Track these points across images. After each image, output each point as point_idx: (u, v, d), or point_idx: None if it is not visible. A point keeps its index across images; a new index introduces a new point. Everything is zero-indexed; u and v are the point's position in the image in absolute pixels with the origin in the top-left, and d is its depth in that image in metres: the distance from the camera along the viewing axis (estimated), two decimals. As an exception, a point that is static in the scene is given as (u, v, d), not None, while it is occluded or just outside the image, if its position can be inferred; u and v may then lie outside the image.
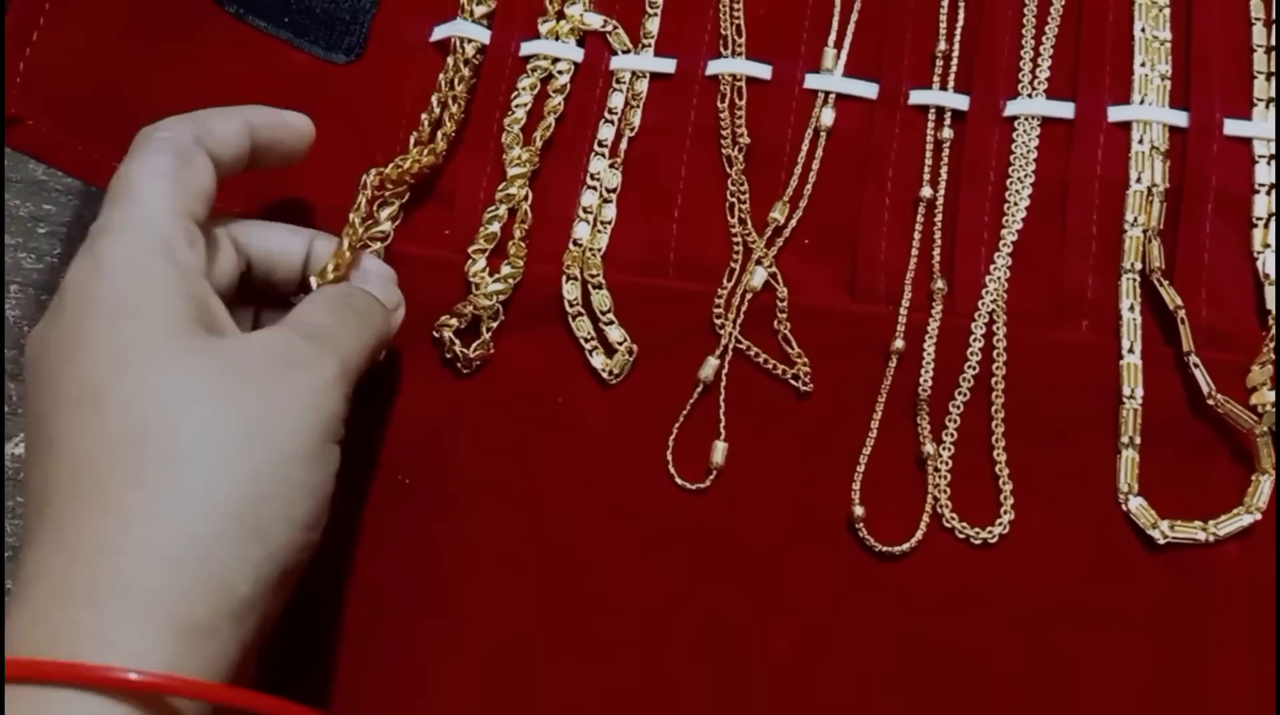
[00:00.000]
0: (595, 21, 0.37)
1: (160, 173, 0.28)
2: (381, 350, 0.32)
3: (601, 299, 0.34)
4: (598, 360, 0.34)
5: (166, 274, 0.27)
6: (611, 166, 0.36)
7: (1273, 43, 0.35)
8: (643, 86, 0.37)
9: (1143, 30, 0.36)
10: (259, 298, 0.33)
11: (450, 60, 0.37)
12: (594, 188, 0.36)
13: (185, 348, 0.27)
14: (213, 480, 0.25)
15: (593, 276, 0.35)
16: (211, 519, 0.25)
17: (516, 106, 0.36)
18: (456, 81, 0.36)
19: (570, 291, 0.34)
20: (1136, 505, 0.32)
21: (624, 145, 0.36)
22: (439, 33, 0.37)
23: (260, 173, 0.34)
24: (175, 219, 0.28)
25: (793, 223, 0.35)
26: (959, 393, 0.33)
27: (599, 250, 0.35)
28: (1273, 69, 0.35)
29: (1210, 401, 0.32)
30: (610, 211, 0.36)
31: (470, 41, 0.37)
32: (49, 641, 0.24)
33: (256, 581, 0.25)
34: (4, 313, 0.36)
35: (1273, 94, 0.35)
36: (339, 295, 0.31)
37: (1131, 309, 0.33)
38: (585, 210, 0.36)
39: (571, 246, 0.35)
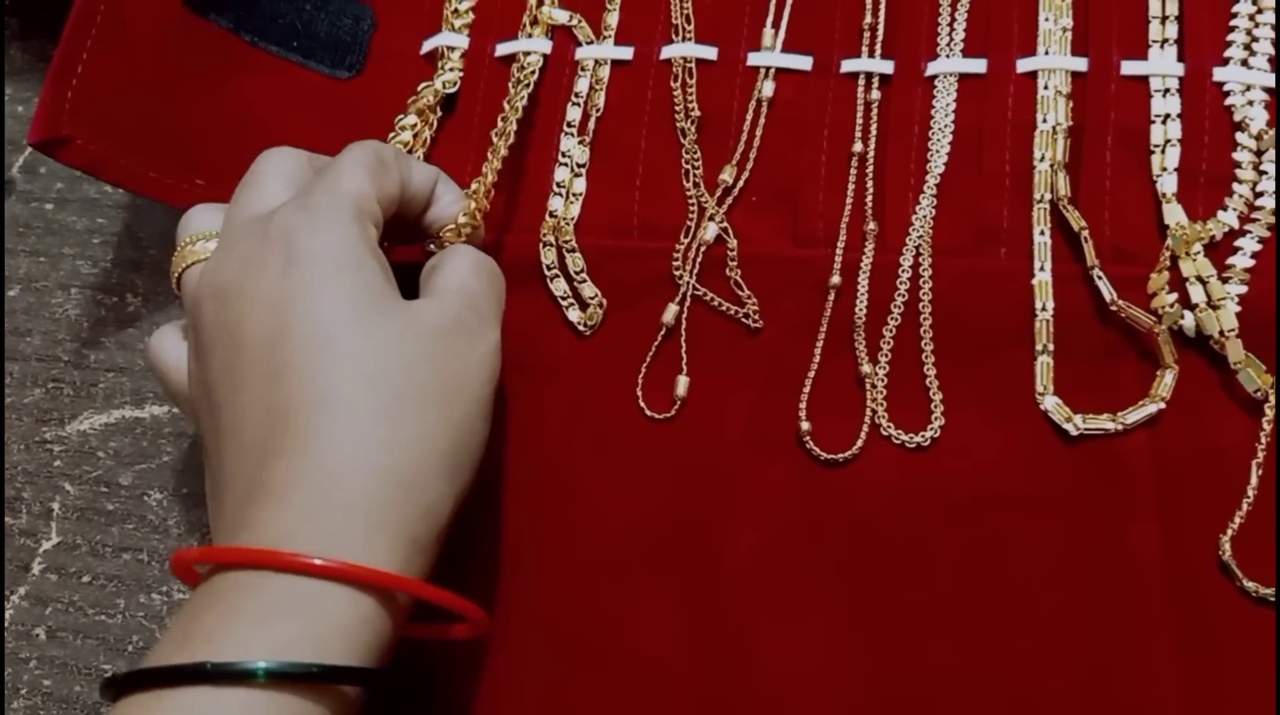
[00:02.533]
0: (562, 17, 0.42)
1: (362, 164, 0.33)
2: None
3: (575, 260, 0.39)
4: (574, 314, 0.39)
5: (370, 239, 0.32)
6: (580, 144, 0.41)
7: (1167, -10, 0.39)
8: (605, 72, 0.42)
9: (1046, -11, 0.40)
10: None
11: (441, 65, 0.42)
12: (565, 164, 0.41)
13: (396, 307, 0.31)
14: (431, 424, 0.30)
15: (566, 242, 0.39)
16: (431, 455, 0.30)
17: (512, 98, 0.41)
18: (445, 85, 0.42)
19: (547, 256, 0.39)
20: (1052, 403, 0.35)
21: (591, 125, 0.41)
22: (427, 45, 0.43)
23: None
24: (368, 200, 0.33)
25: (741, 183, 0.40)
26: (891, 319, 0.37)
27: (572, 218, 0.40)
28: (1167, 13, 0.39)
29: (1113, 307, 0.35)
30: (581, 184, 0.40)
31: (455, 49, 0.42)
32: (312, 543, 0.27)
33: (453, 512, 0.31)
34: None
35: (1168, 35, 0.39)
36: (482, 262, 0.35)
37: (1042, 234, 0.37)
38: (559, 185, 0.41)
39: (547, 217, 0.40)
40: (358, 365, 0.30)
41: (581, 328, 0.38)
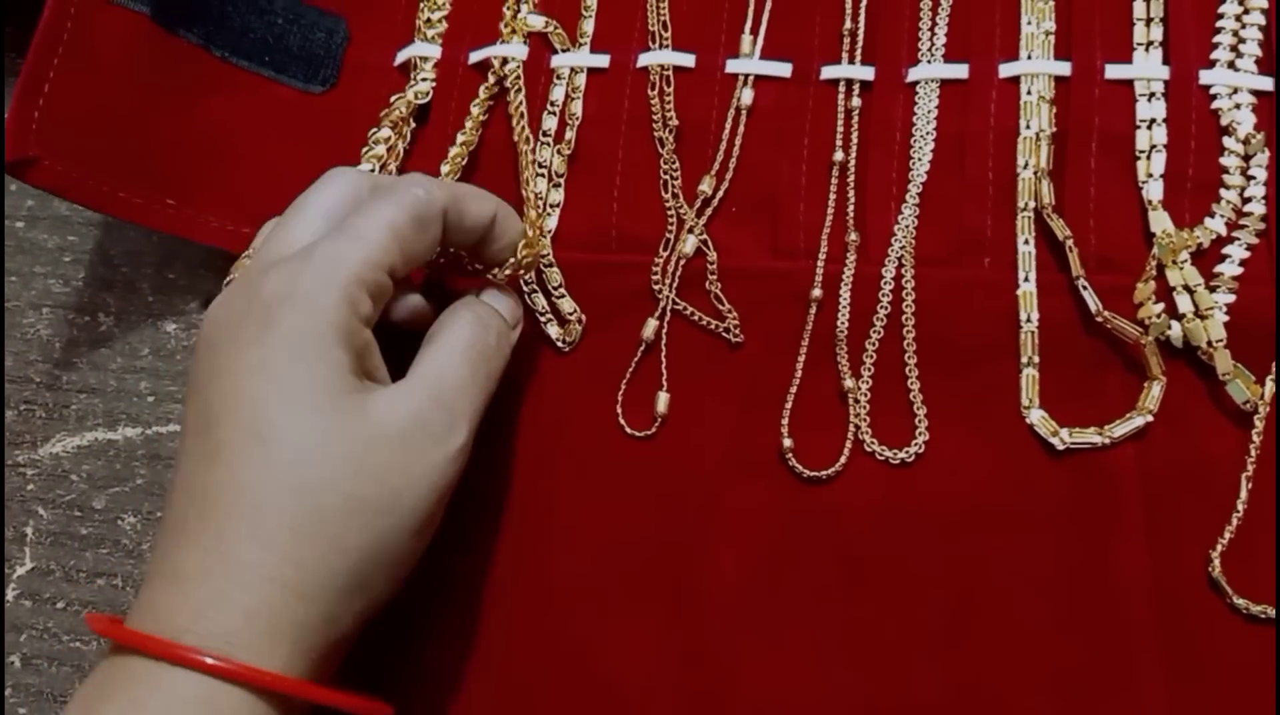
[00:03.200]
0: (537, 23, 0.42)
1: (390, 225, 0.31)
2: None
3: (552, 275, 0.38)
4: (553, 331, 0.38)
5: (351, 320, 0.30)
6: (557, 154, 0.40)
7: (1152, -8, 0.38)
8: (581, 80, 0.41)
9: (1028, -8, 0.39)
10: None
11: (415, 76, 0.41)
12: (542, 175, 0.40)
13: (348, 406, 0.29)
14: (346, 542, 0.29)
15: (543, 256, 0.39)
16: (337, 574, 0.29)
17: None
18: (418, 95, 0.41)
19: (522, 270, 0.39)
20: (1038, 417, 0.35)
21: (569, 134, 0.40)
22: (401, 56, 0.42)
23: (248, 189, 0.39)
24: (374, 270, 0.30)
25: (720, 193, 0.39)
26: (874, 332, 0.36)
27: (549, 231, 0.39)
28: (1151, 15, 0.38)
29: (1099, 319, 0.35)
30: (558, 195, 0.40)
31: (428, 59, 0.42)
32: (210, 640, 0.27)
33: (353, 625, 0.30)
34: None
35: (1153, 38, 0.38)
36: (472, 333, 0.33)
37: (1026, 243, 0.36)
38: (536, 196, 0.40)
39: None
40: (285, 469, 0.28)
41: (560, 344, 0.38)
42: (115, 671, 0.28)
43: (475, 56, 0.42)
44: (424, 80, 0.41)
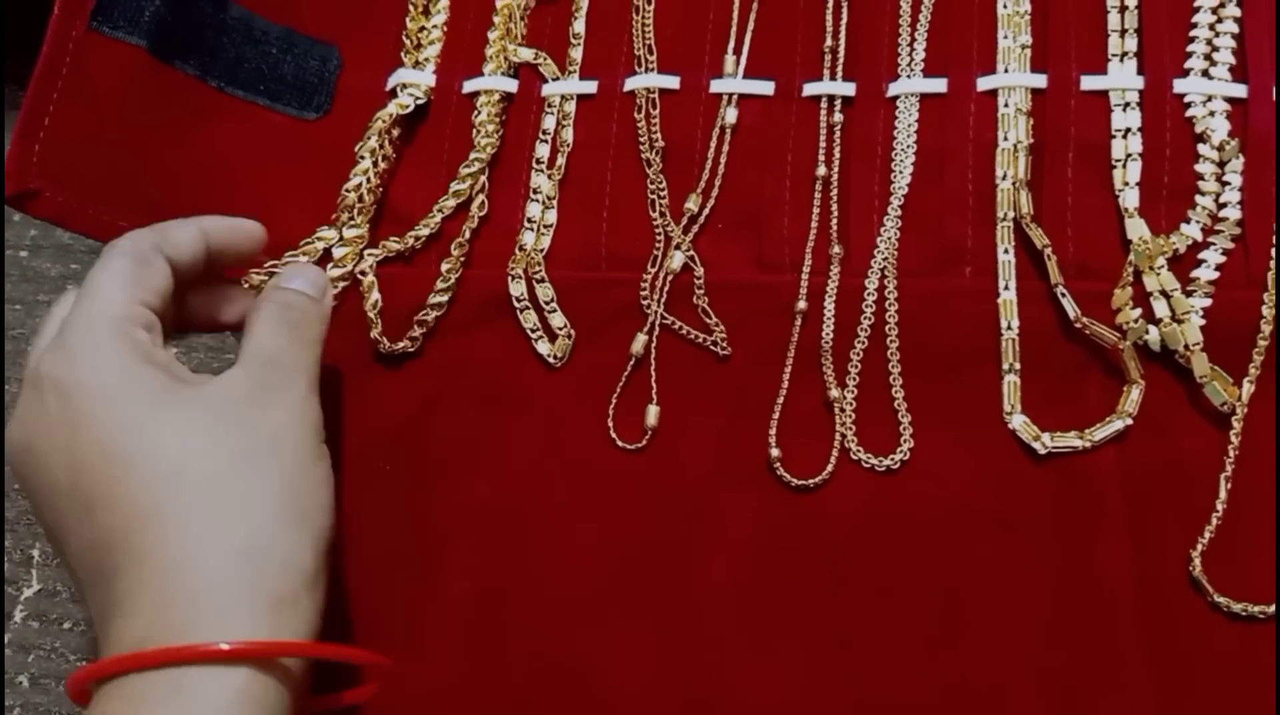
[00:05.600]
0: (527, 55, 0.43)
1: (118, 273, 0.33)
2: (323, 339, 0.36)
3: (545, 291, 0.39)
4: (543, 347, 0.39)
5: (128, 351, 0.32)
6: (549, 179, 0.41)
7: (1125, 3, 0.39)
8: (570, 107, 0.42)
9: (1004, 7, 0.40)
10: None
11: (395, 103, 0.42)
12: (536, 199, 0.41)
13: (179, 400, 0.31)
14: (253, 488, 0.30)
15: (536, 273, 0.40)
16: (263, 515, 0.30)
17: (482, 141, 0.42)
18: (399, 109, 0.42)
19: (516, 288, 0.39)
20: (1020, 422, 0.35)
21: (560, 160, 0.41)
22: (392, 82, 0.43)
23: (244, 214, 0.40)
24: (129, 307, 0.33)
25: (706, 211, 0.40)
26: (858, 342, 0.37)
27: (542, 251, 0.40)
28: (1126, 26, 0.39)
29: (1078, 325, 0.35)
30: (552, 216, 0.41)
31: (415, 85, 0.43)
32: (165, 636, 0.28)
33: (315, 555, 0.31)
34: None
35: (1127, 49, 0.39)
36: (279, 311, 0.35)
37: (1006, 252, 0.37)
38: (529, 220, 0.41)
39: (517, 251, 0.40)
40: (156, 468, 0.30)
41: (551, 360, 0.39)
42: (148, 686, 0.28)
43: (469, 87, 0.43)
44: (408, 95, 0.42)
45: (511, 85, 0.42)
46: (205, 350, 0.42)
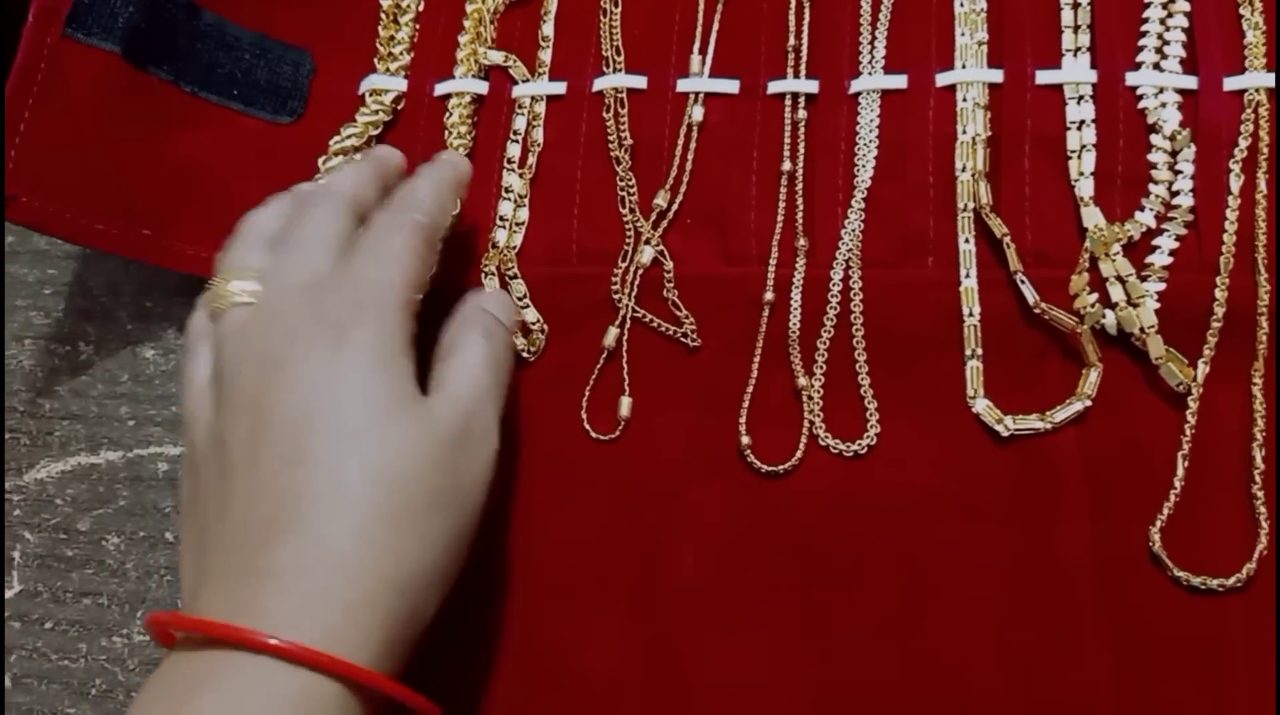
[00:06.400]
0: (497, 58, 0.43)
1: (413, 250, 0.34)
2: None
3: (517, 287, 0.40)
4: (518, 341, 0.39)
5: (409, 333, 0.33)
6: (520, 178, 0.42)
7: None
8: (540, 108, 0.43)
9: (961, 5, 0.41)
10: None
11: (368, 107, 0.43)
12: (508, 198, 0.42)
13: (417, 410, 0.32)
14: (435, 534, 0.31)
15: (509, 269, 0.40)
16: (428, 565, 0.31)
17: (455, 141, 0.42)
18: (371, 127, 0.43)
19: (489, 285, 0.40)
20: (983, 406, 0.36)
21: (531, 160, 0.42)
22: (364, 86, 0.44)
23: (220, 217, 0.41)
24: (414, 291, 0.34)
25: (675, 206, 0.40)
26: (824, 331, 0.38)
27: (514, 248, 0.41)
28: (1079, 22, 0.40)
29: (1037, 310, 0.36)
30: (523, 214, 0.41)
31: (386, 91, 0.43)
32: (309, 634, 0.28)
33: (428, 621, 0.31)
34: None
35: (1081, 44, 0.40)
36: (491, 353, 0.35)
37: (967, 242, 0.38)
38: (502, 218, 0.42)
39: (490, 248, 0.41)
40: (377, 465, 0.30)
41: (525, 354, 0.39)
42: (203, 664, 0.28)
43: (440, 89, 0.43)
44: (377, 112, 0.43)
45: (482, 87, 0.43)
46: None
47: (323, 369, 0.31)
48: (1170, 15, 0.40)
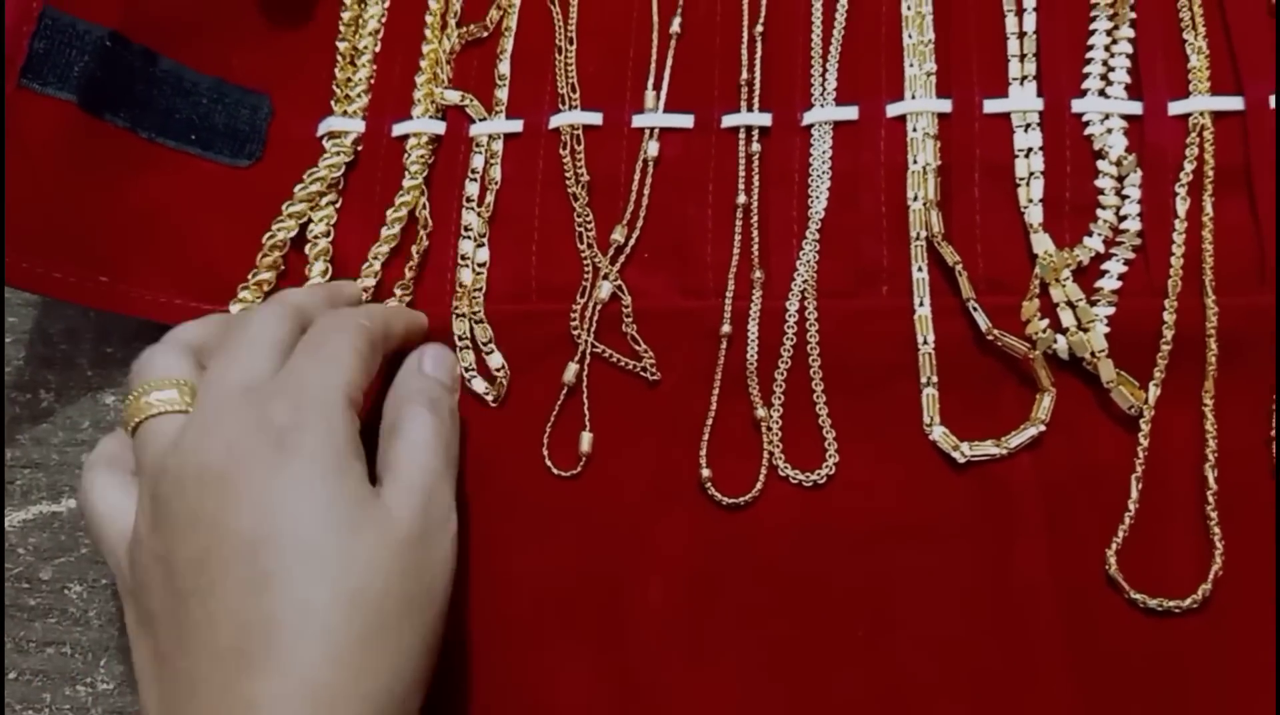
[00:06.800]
0: (454, 98, 0.44)
1: (357, 351, 0.34)
2: None
3: (483, 331, 0.40)
4: (479, 386, 0.40)
5: (356, 434, 0.32)
6: (479, 217, 0.42)
7: (1024, 29, 0.41)
8: (498, 146, 0.43)
9: (909, 37, 0.42)
10: None
11: (329, 150, 0.43)
12: (468, 237, 0.42)
13: (373, 515, 0.31)
14: (408, 642, 0.30)
15: (475, 313, 0.40)
16: (406, 673, 0.30)
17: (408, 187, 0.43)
18: (333, 168, 0.43)
19: (460, 327, 0.40)
20: (939, 433, 0.37)
21: (489, 198, 0.42)
22: (322, 128, 0.44)
23: (179, 262, 0.41)
24: (356, 391, 0.33)
25: (632, 241, 0.41)
26: (781, 362, 0.38)
27: (480, 290, 0.41)
28: (1025, 51, 0.41)
29: (990, 337, 0.37)
30: (483, 254, 0.42)
31: (345, 133, 0.44)
32: None
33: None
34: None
35: (1027, 72, 0.41)
36: (441, 437, 0.35)
37: (920, 270, 0.39)
38: (463, 257, 0.42)
39: (458, 288, 0.41)
40: (342, 582, 0.29)
41: (489, 399, 0.39)
42: None
43: (398, 129, 0.44)
44: (337, 154, 0.43)
45: (440, 127, 0.44)
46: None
47: (273, 482, 0.30)
48: (1115, 42, 0.40)
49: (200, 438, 0.31)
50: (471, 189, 0.43)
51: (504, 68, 0.44)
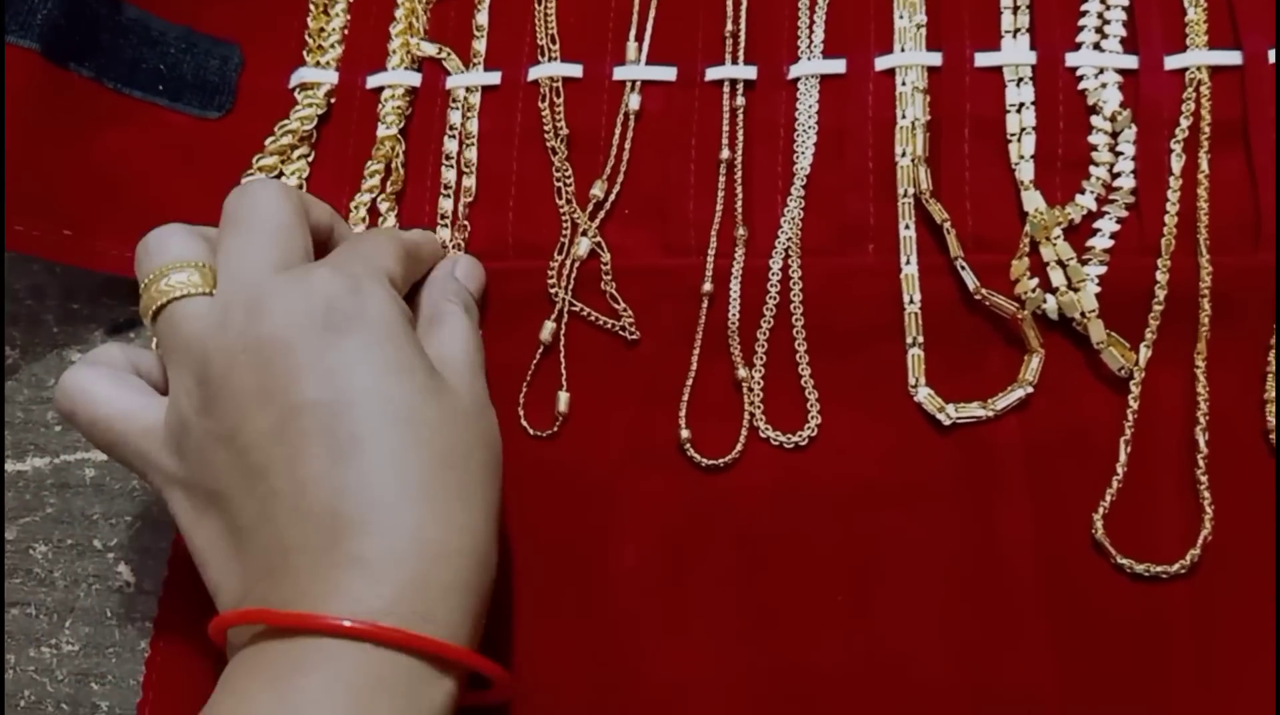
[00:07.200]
0: (431, 49, 0.43)
1: (398, 253, 0.35)
2: None
3: (455, 287, 0.39)
4: (453, 338, 0.39)
5: (406, 313, 0.33)
6: (457, 172, 0.41)
7: (1018, -19, 0.40)
8: (475, 99, 0.42)
9: (899, -13, 0.40)
10: None
11: (301, 102, 0.42)
12: (448, 194, 0.41)
13: (445, 385, 0.32)
14: (489, 503, 0.31)
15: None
16: (491, 533, 0.31)
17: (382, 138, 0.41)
18: (305, 121, 0.42)
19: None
20: (925, 395, 0.36)
21: (468, 153, 0.41)
22: (293, 80, 0.43)
23: (147, 216, 0.40)
24: (397, 277, 0.34)
25: (612, 197, 0.40)
26: (764, 322, 0.37)
27: (459, 247, 0.40)
28: (1018, 3, 0.40)
29: (978, 296, 0.36)
30: (463, 211, 0.40)
31: (318, 85, 0.42)
32: (402, 619, 0.28)
33: (492, 566, 0.31)
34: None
35: (1020, 25, 0.39)
36: (473, 321, 0.36)
37: (907, 228, 0.37)
38: (443, 216, 0.41)
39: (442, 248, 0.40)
40: (432, 443, 0.30)
41: (461, 352, 0.38)
42: (285, 658, 0.27)
43: (373, 82, 0.42)
44: (309, 106, 0.42)
45: (415, 79, 0.42)
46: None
47: (341, 349, 0.30)
48: (1110, -7, 0.39)
49: (248, 314, 0.31)
50: (450, 146, 0.41)
51: (482, 18, 0.43)
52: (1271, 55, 0.37)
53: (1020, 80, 0.39)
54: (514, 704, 0.34)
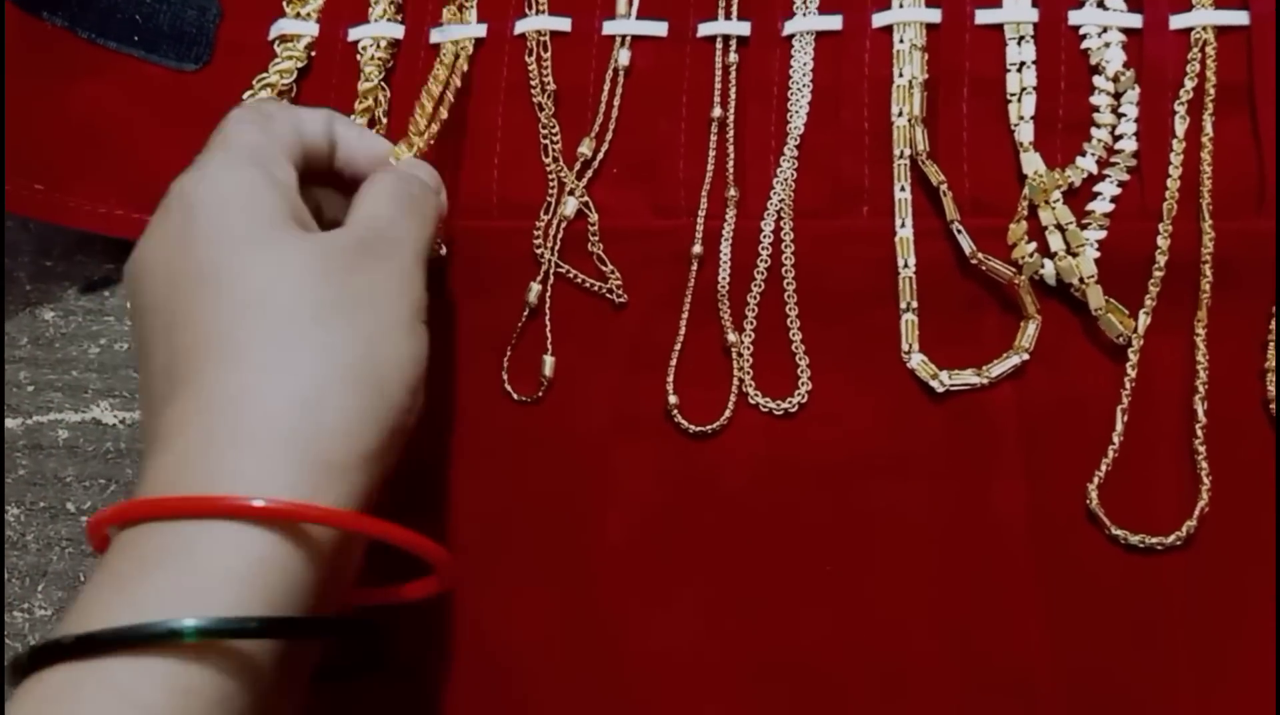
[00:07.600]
0: (413, -3, 0.41)
1: (245, 119, 0.33)
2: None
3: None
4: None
5: (264, 180, 0.31)
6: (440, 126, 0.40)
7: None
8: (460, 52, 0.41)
9: (898, -59, 0.39)
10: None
11: (279, 55, 0.41)
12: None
13: (289, 235, 0.30)
14: (332, 340, 0.28)
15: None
16: (337, 368, 0.28)
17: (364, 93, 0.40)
18: (285, 74, 0.40)
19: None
20: (918, 361, 0.35)
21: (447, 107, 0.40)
22: (273, 31, 0.42)
23: (120, 171, 0.39)
24: (266, 147, 0.32)
25: (600, 155, 0.39)
26: (755, 286, 0.36)
27: (442, 208, 0.39)
28: (1022, -40, 0.38)
29: (974, 261, 0.35)
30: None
31: (298, 37, 0.41)
32: (196, 482, 0.26)
33: (379, 432, 0.28)
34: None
35: (1022, -18, 0.38)
36: (397, 187, 0.33)
37: (903, 190, 0.37)
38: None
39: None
40: (241, 295, 0.28)
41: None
42: (113, 550, 0.26)
43: (354, 34, 0.41)
44: (290, 59, 0.41)
45: (398, 31, 0.41)
46: (83, 313, 0.40)
47: (178, 240, 0.30)
48: (1116, -49, 0.38)
49: (135, 250, 0.31)
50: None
51: (468, -31, 0.42)
52: None
53: (1021, 39, 0.37)
54: (497, 672, 0.34)
